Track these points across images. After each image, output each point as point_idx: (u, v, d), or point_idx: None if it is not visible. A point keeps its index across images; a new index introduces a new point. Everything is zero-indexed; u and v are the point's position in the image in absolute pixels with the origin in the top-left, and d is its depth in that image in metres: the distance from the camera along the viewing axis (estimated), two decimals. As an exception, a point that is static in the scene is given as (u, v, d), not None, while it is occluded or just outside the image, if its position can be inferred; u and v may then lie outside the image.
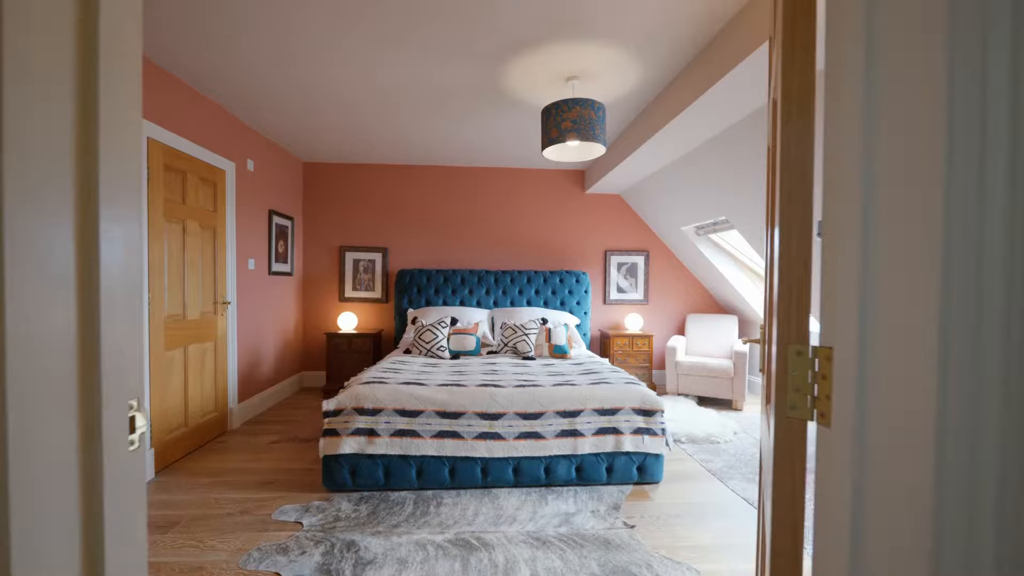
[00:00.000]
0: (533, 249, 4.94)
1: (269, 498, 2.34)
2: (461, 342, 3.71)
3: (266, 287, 4.00)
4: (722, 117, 2.71)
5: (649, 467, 2.54)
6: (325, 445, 2.38)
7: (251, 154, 3.71)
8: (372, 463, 2.39)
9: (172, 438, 2.77)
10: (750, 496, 2.43)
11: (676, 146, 3.30)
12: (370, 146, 4.22)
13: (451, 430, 2.42)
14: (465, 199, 4.87)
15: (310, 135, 3.90)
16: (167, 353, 2.73)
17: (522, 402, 2.49)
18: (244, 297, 3.62)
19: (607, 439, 2.50)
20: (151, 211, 2.59)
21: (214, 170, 3.21)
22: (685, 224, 4.40)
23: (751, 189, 3.22)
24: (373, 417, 2.41)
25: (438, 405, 2.45)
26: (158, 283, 2.66)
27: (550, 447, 2.45)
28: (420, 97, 3.05)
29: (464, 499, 2.35)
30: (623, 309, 5.06)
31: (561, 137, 2.57)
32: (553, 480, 2.48)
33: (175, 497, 2.36)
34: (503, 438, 2.43)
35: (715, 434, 3.32)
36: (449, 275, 4.63)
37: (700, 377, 4.21)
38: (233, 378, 3.43)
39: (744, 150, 2.97)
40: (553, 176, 4.93)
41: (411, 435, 2.40)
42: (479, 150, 4.26)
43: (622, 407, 2.55)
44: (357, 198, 4.81)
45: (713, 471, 2.76)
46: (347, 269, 4.80)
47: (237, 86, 2.98)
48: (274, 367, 4.16)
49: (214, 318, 3.22)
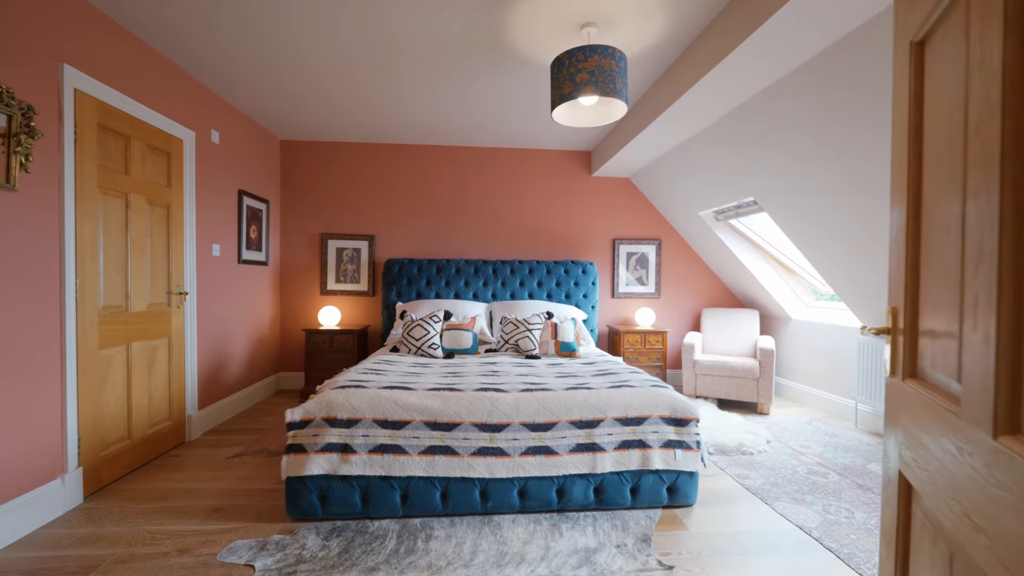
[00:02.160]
0: (535, 237, 4.51)
1: (218, 532, 1.90)
2: (456, 339, 3.28)
3: (235, 277, 3.54)
4: (759, 75, 2.30)
5: (681, 487, 2.12)
6: (289, 464, 1.94)
7: (216, 124, 3.25)
8: (346, 486, 1.95)
9: (109, 454, 2.32)
10: (804, 521, 2.02)
11: (699, 117, 2.88)
12: (354, 122, 3.77)
13: (443, 445, 1.99)
14: (460, 182, 4.43)
15: (286, 105, 3.44)
16: (102, 352, 2.28)
17: (529, 410, 2.06)
18: (206, 287, 3.16)
19: (632, 454, 2.08)
20: (80, 179, 2.13)
21: (168, 138, 2.75)
22: (704, 208, 3.99)
23: (786, 165, 2.81)
24: (348, 430, 1.97)
25: (428, 415, 2.01)
26: (90, 267, 2.20)
27: (564, 464, 2.03)
28: (407, 53, 2.61)
29: (459, 530, 1.92)
30: (633, 303, 4.64)
31: (575, 92, 2.14)
32: (567, 504, 2.06)
33: (102, 530, 1.90)
34: (506, 454, 2.00)
35: (747, 443, 2.91)
36: (443, 265, 4.19)
37: (721, 377, 3.80)
38: (192, 380, 2.98)
39: (782, 116, 2.55)
40: (557, 157, 4.50)
41: (394, 451, 1.96)
42: (477, 125, 3.82)
43: (649, 415, 2.13)
44: (340, 180, 4.35)
45: (753, 489, 2.34)
46: (330, 259, 4.35)
47: (193, 42, 2.53)
48: (245, 368, 3.70)
49: (168, 311, 2.77)
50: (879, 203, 2.47)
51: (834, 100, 2.24)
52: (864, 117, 2.19)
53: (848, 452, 2.87)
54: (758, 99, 2.57)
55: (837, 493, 2.32)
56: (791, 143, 2.68)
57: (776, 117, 2.60)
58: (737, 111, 2.77)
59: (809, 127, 2.49)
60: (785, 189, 3.03)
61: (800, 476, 2.51)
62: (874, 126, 2.18)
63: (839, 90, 2.18)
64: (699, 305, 4.70)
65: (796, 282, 4.16)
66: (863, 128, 2.24)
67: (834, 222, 2.86)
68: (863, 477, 2.50)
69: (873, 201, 2.50)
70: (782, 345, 4.27)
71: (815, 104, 2.34)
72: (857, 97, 2.14)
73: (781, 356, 4.27)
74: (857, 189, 2.54)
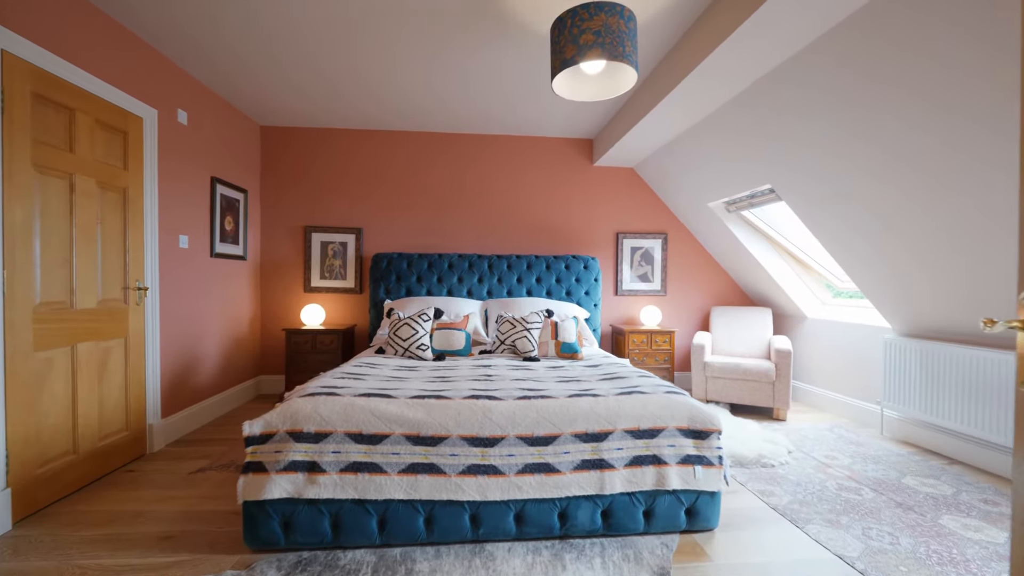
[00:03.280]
0: (534, 230, 4.23)
1: (163, 566, 1.61)
2: (447, 339, 3.00)
3: (207, 272, 3.25)
4: (786, 41, 2.03)
5: (702, 510, 1.85)
6: (247, 486, 1.65)
7: (185, 104, 2.96)
8: (314, 511, 1.67)
9: (47, 472, 2.03)
10: (843, 549, 1.75)
11: (714, 94, 2.61)
12: (341, 106, 3.49)
13: (428, 462, 1.71)
14: (454, 172, 4.15)
15: (265, 87, 3.16)
16: (39, 354, 1.99)
17: (527, 421, 1.79)
18: (172, 282, 2.87)
19: (645, 472, 1.81)
20: (8, 155, 1.85)
21: (125, 115, 2.47)
22: (714, 199, 3.72)
23: (811, 147, 2.54)
24: (316, 445, 1.69)
25: (410, 427, 1.73)
26: (23, 257, 1.91)
27: (567, 484, 1.75)
28: (392, 22, 2.32)
29: (446, 562, 1.65)
30: (638, 301, 4.37)
31: (579, 55, 1.87)
32: (571, 530, 1.78)
33: (25, 564, 1.62)
34: (501, 473, 1.73)
35: (767, 454, 2.64)
36: (434, 260, 3.91)
37: (734, 381, 3.53)
38: (154, 385, 2.69)
39: (810, 90, 2.28)
40: (557, 145, 4.22)
41: (370, 470, 1.69)
42: (470, 109, 3.54)
43: (664, 426, 1.86)
44: (326, 170, 4.07)
45: (780, 509, 2.07)
46: (314, 253, 4.06)
47: (151, 12, 2.24)
48: (219, 371, 3.41)
49: (124, 308, 2.48)
50: (924, 184, 2.20)
51: (876, 67, 1.97)
52: (914, 86, 1.92)
53: (879, 464, 2.60)
54: (783, 69, 2.30)
55: (875, 513, 2.05)
56: (819, 121, 2.41)
57: (803, 90, 2.33)
58: (756, 86, 2.50)
59: (841, 102, 2.22)
60: (808, 175, 2.76)
61: (830, 493, 2.24)
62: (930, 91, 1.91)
63: (884, 53, 1.91)
64: (707, 303, 4.43)
65: (812, 278, 3.90)
66: (914, 99, 1.97)
67: (866, 209, 2.59)
68: (900, 493, 2.24)
69: (918, 182, 2.23)
70: (797, 346, 4.00)
71: (852, 73, 2.07)
72: (908, 61, 1.87)
73: (796, 358, 4.00)
74: (902, 170, 2.27)
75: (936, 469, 2.54)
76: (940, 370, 2.72)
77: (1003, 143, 1.79)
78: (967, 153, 1.93)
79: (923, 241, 2.42)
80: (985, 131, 1.81)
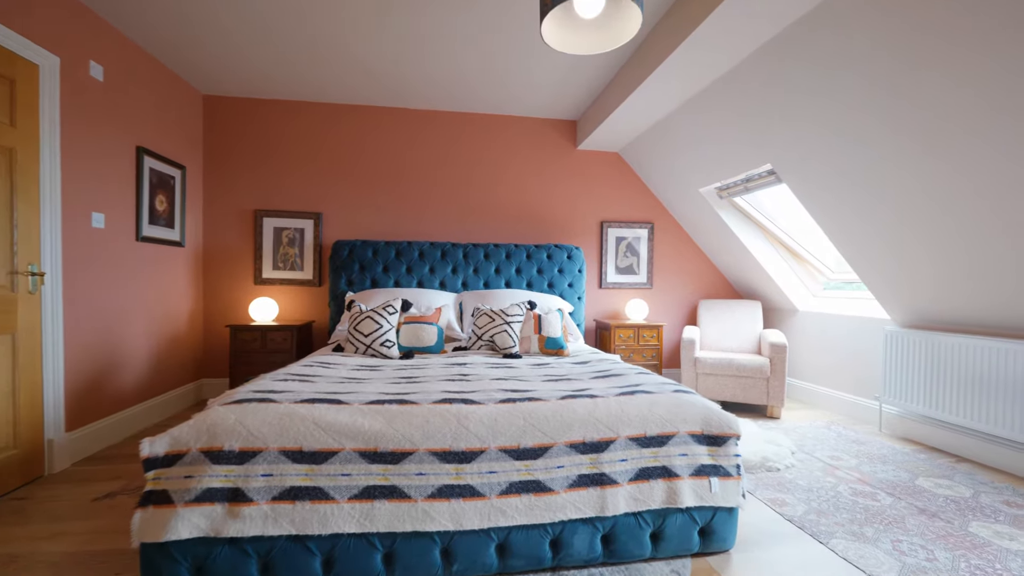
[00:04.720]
0: (513, 217, 3.91)
1: (21, 635, 1.20)
2: (416, 334, 2.64)
3: (132, 258, 2.77)
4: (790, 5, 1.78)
5: (717, 529, 1.57)
6: (144, 523, 1.26)
7: (101, 56, 2.49)
8: (237, 553, 1.29)
9: None
10: (877, 568, 1.50)
11: (714, 59, 2.35)
12: (290, 74, 3.06)
13: (387, 484, 1.36)
14: (426, 152, 3.78)
15: (207, 46, 2.70)
16: None
17: (512, 429, 1.46)
18: (81, 268, 2.39)
19: (654, 487, 1.51)
20: None
21: (11, 58, 1.99)
22: (706, 184, 3.50)
23: (819, 122, 2.32)
24: (241, 466, 1.31)
25: (365, 440, 1.38)
26: None
27: (561, 506, 1.43)
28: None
29: (410, 611, 1.30)
30: (623, 294, 4.12)
31: (575, -10, 1.55)
32: (565, 560, 1.47)
33: None
34: (480, 494, 1.39)
35: (771, 456, 2.41)
36: (403, 248, 3.53)
37: (726, 377, 3.32)
38: (55, 392, 2.21)
39: (821, 54, 2.05)
40: (539, 127, 3.92)
41: (313, 497, 1.32)
42: (445, 80, 3.18)
43: (675, 432, 1.57)
44: (280, 146, 3.62)
45: (797, 521, 1.82)
46: (266, 240, 3.61)
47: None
48: (149, 374, 2.93)
49: (12, 297, 2.01)
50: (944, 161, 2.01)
51: (897, 29, 1.75)
52: (943, 51, 1.70)
53: (886, 464, 2.41)
54: (792, 31, 2.06)
55: (900, 522, 1.83)
56: (832, 90, 2.18)
57: (814, 54, 2.10)
58: (759, 53, 2.26)
59: (859, 67, 1.99)
60: (815, 152, 2.55)
61: (845, 500, 2.02)
62: (957, 60, 1.70)
63: (909, 14, 1.68)
64: (695, 297, 4.23)
65: (803, 268, 3.74)
66: (934, 73, 1.76)
67: (883, 192, 2.40)
68: (920, 498, 2.04)
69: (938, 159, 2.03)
70: (788, 340, 3.84)
71: (868, 38, 1.84)
72: (928, 31, 1.65)
73: (796, 353, 3.83)
74: (917, 152, 2.07)
75: (946, 468, 2.37)
76: (946, 362, 2.56)
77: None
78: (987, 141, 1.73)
79: (933, 226, 2.23)
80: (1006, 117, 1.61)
